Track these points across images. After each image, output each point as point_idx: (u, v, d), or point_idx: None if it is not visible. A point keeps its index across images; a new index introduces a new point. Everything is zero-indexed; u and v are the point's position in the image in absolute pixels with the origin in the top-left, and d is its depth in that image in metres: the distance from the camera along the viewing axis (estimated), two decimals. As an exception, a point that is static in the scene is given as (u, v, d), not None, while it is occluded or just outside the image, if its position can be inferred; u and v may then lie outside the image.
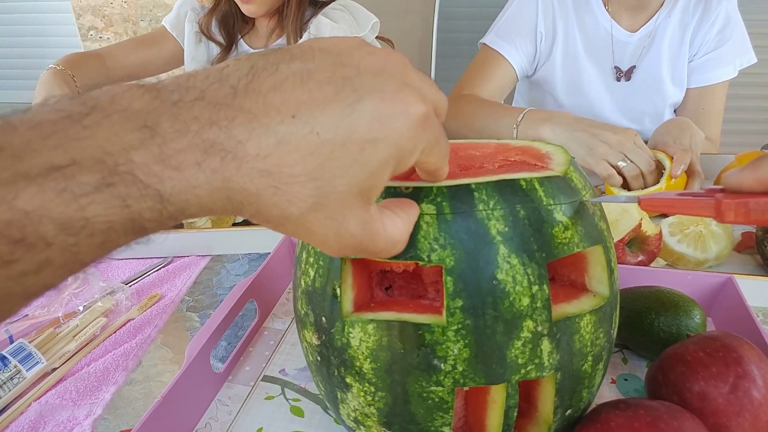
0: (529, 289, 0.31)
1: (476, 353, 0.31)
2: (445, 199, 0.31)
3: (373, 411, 0.35)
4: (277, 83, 0.21)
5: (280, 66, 0.21)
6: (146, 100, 0.19)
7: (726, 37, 1.01)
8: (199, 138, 0.19)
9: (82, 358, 0.57)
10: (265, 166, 0.20)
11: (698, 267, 0.66)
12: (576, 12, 1.07)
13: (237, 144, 0.20)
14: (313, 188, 0.21)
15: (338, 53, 0.22)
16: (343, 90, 0.21)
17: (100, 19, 2.23)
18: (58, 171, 0.17)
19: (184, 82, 0.20)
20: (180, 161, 0.19)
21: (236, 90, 0.20)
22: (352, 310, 0.34)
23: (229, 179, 0.20)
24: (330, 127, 0.21)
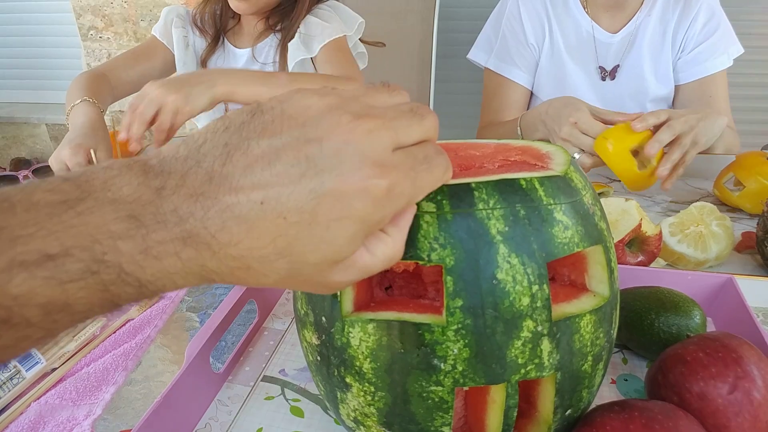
0: (529, 288, 0.31)
1: (476, 353, 0.31)
2: (445, 198, 0.31)
3: (372, 411, 0.35)
4: (247, 165, 0.22)
5: (251, 144, 0.22)
6: (133, 186, 0.21)
7: (713, 29, 1.02)
8: (178, 229, 0.21)
9: (81, 358, 0.57)
10: (237, 252, 0.22)
11: (698, 267, 0.66)
12: (556, 17, 1.09)
13: (211, 237, 0.21)
14: (284, 263, 0.23)
15: (304, 123, 0.23)
16: (307, 172, 0.22)
17: (100, 18, 2.23)
18: (51, 260, 0.19)
19: (168, 164, 0.22)
20: (160, 251, 0.21)
21: (211, 175, 0.22)
22: (352, 310, 0.34)
23: (204, 265, 0.22)
24: (296, 211, 0.22)
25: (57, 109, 2.53)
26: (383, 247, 0.26)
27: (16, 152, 2.59)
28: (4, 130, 2.55)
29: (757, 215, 0.75)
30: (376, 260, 0.26)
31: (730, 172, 0.83)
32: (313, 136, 0.23)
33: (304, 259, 0.23)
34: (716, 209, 0.69)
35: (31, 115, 2.49)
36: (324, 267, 0.24)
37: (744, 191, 0.80)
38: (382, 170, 0.23)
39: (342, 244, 0.23)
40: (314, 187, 0.22)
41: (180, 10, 1.10)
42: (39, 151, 2.58)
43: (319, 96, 0.24)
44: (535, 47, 1.11)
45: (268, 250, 0.22)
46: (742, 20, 1.53)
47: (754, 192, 0.79)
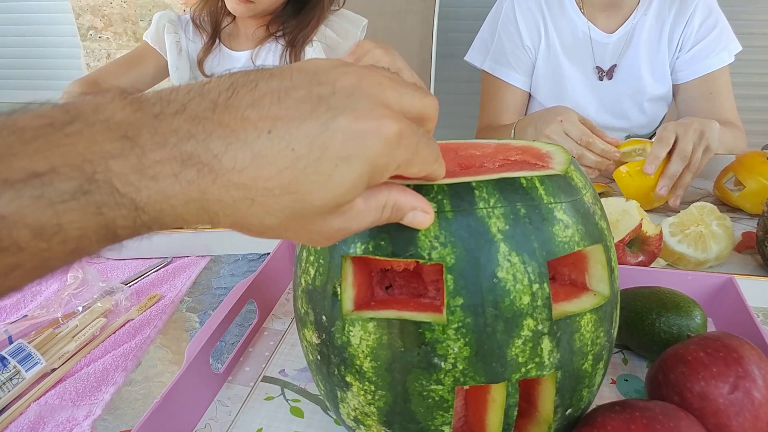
0: (530, 287, 0.31)
1: (476, 352, 0.31)
2: (446, 197, 0.31)
3: (373, 410, 0.35)
4: (255, 99, 0.21)
5: (260, 83, 0.22)
6: (128, 111, 0.20)
7: (711, 26, 1.02)
8: (177, 150, 0.20)
9: (81, 359, 0.57)
10: (241, 179, 0.21)
11: (698, 267, 0.66)
12: (552, 17, 1.09)
13: (213, 157, 0.20)
14: (289, 200, 0.22)
15: (315, 72, 0.23)
16: (318, 108, 0.22)
17: (100, 18, 2.23)
18: (37, 177, 0.18)
19: (166, 95, 0.21)
20: (157, 172, 0.19)
21: (216, 104, 0.21)
22: (353, 309, 0.34)
23: (205, 191, 0.20)
24: (305, 143, 0.21)
25: (57, 109, 2.53)
26: (378, 195, 0.26)
27: (15, 152, 2.58)
28: (4, 130, 2.55)
29: (757, 215, 0.75)
30: (369, 207, 0.26)
31: (730, 172, 0.83)
32: (324, 81, 0.23)
33: (308, 198, 0.22)
34: (716, 209, 0.69)
35: (30, 114, 2.49)
36: (326, 210, 0.23)
37: (744, 191, 0.80)
38: (396, 115, 0.23)
39: (347, 185, 0.23)
40: (326, 121, 0.21)
41: (171, 15, 1.10)
42: (39, 151, 2.58)
43: (327, 59, 0.25)
44: (531, 49, 1.11)
45: (273, 183, 0.21)
46: (742, 20, 1.54)
47: (754, 192, 0.79)
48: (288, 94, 0.22)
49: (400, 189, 0.27)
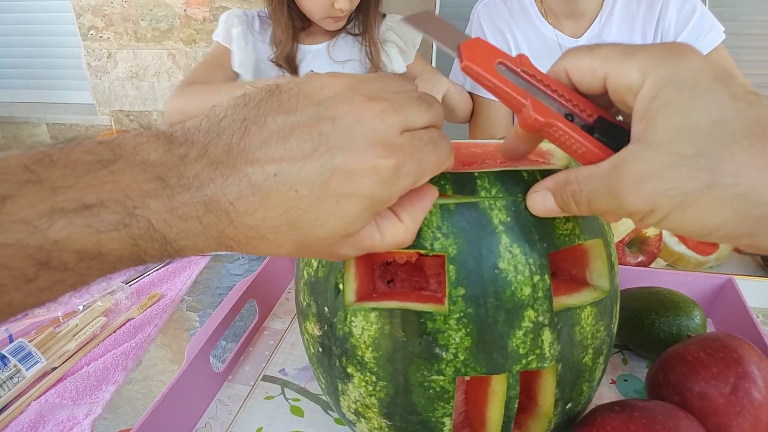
0: (531, 278, 0.31)
1: (477, 342, 0.31)
2: (449, 183, 0.31)
3: (374, 402, 0.35)
4: (263, 140, 0.23)
5: (267, 119, 0.24)
6: (160, 152, 0.23)
7: (690, 12, 1.00)
8: (200, 194, 0.22)
9: (81, 358, 0.57)
10: (253, 221, 0.23)
11: (698, 268, 0.66)
12: (519, 27, 1.09)
13: (229, 204, 0.23)
14: (295, 235, 0.24)
15: (319, 102, 0.24)
16: (319, 148, 0.23)
17: (100, 18, 2.23)
18: (88, 209, 0.21)
19: (191, 135, 0.24)
20: (184, 212, 0.22)
21: (230, 147, 0.23)
22: (355, 300, 0.34)
23: (222, 231, 0.23)
24: (306, 184, 0.23)
25: (57, 108, 2.53)
26: (393, 232, 0.27)
27: (16, 152, 2.58)
28: (4, 130, 2.55)
29: (758, 216, 0.75)
30: (384, 242, 0.27)
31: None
32: (327, 115, 0.24)
33: (314, 233, 0.24)
34: (716, 210, 0.69)
35: (31, 114, 2.49)
36: (333, 240, 0.25)
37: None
38: (390, 150, 0.24)
39: (350, 219, 0.24)
40: (325, 163, 0.23)
41: (237, 11, 1.12)
42: (39, 150, 2.58)
43: (334, 77, 0.25)
44: None
45: (280, 221, 0.23)
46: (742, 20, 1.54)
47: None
48: (292, 132, 0.23)
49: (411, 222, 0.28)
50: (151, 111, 2.39)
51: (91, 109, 2.46)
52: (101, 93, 2.38)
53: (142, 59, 2.28)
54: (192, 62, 2.24)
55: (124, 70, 2.32)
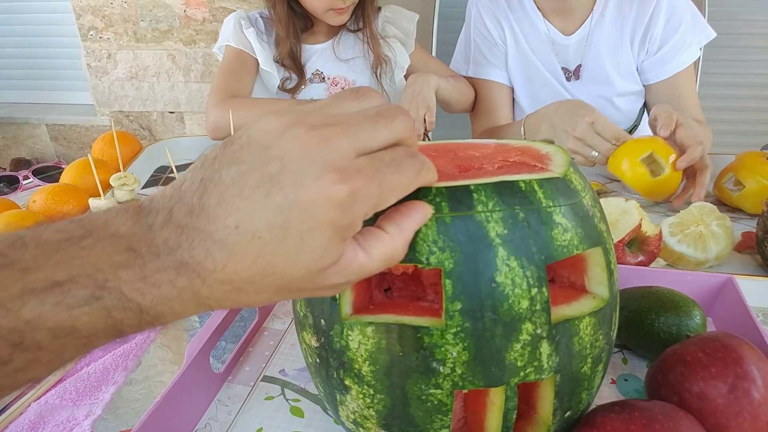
0: (528, 291, 0.31)
1: (475, 356, 0.31)
2: (444, 200, 0.31)
3: (372, 413, 0.35)
4: (220, 196, 0.23)
5: (222, 174, 0.24)
6: (129, 225, 0.23)
7: (677, 24, 1.00)
8: (170, 259, 0.23)
9: (81, 358, 0.57)
10: (224, 276, 0.23)
11: (698, 267, 0.66)
12: (516, 19, 1.10)
13: (197, 264, 0.23)
14: (271, 281, 0.24)
15: (266, 146, 0.24)
16: (271, 190, 0.23)
17: (100, 19, 2.23)
18: (58, 286, 0.21)
19: (157, 203, 0.24)
20: (157, 279, 0.23)
21: (192, 209, 0.23)
22: (351, 313, 0.34)
23: (198, 292, 0.23)
24: (267, 229, 0.23)
25: (57, 109, 2.53)
26: (381, 246, 0.26)
27: (16, 152, 2.59)
28: (4, 130, 2.55)
29: (757, 215, 0.75)
30: (373, 260, 0.26)
31: (730, 172, 0.83)
32: (274, 155, 0.24)
33: (289, 274, 0.24)
34: (716, 209, 0.69)
35: (31, 115, 2.49)
36: (312, 276, 0.25)
37: (744, 191, 0.80)
38: (342, 176, 0.23)
39: (320, 252, 0.24)
40: (280, 203, 0.23)
41: (242, 14, 1.13)
42: (39, 151, 2.58)
43: (277, 116, 0.25)
44: (502, 45, 1.12)
45: (251, 271, 0.23)
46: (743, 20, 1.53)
47: (754, 192, 0.79)
48: (245, 181, 0.23)
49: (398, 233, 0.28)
50: (150, 111, 2.39)
51: (91, 110, 2.46)
52: (101, 94, 2.38)
53: (142, 60, 2.28)
54: (192, 63, 2.24)
55: (124, 70, 2.32)
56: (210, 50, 2.17)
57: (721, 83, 1.06)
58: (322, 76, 1.14)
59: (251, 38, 1.09)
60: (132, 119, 2.42)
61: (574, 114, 0.84)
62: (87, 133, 2.50)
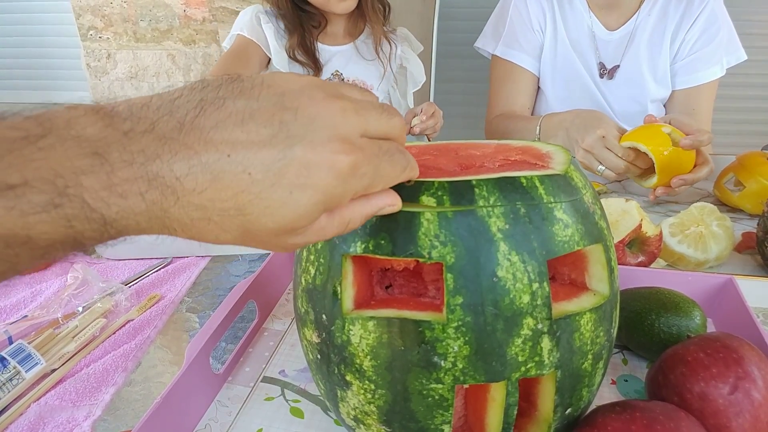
0: (530, 286, 0.31)
1: (476, 350, 0.31)
2: (446, 193, 0.31)
3: (373, 409, 0.35)
4: (220, 120, 0.22)
5: (227, 102, 0.23)
6: (99, 127, 0.21)
7: (711, 37, 1.01)
8: (144, 170, 0.21)
9: (81, 359, 0.57)
10: (200, 200, 0.22)
11: (698, 267, 0.66)
12: (560, 8, 1.08)
13: (176, 180, 0.21)
14: (243, 221, 0.23)
15: (282, 93, 0.24)
16: (278, 135, 0.22)
17: (100, 18, 2.23)
18: (11, 189, 0.19)
19: (137, 111, 0.22)
20: (125, 189, 0.21)
21: (182, 124, 0.22)
22: (353, 308, 0.34)
23: (167, 210, 0.22)
24: (261, 169, 0.22)
25: (57, 109, 2.52)
26: (342, 210, 0.26)
27: (15, 152, 2.58)
28: (4, 131, 2.54)
29: (757, 215, 0.75)
30: (332, 222, 0.26)
31: (731, 173, 0.83)
32: (289, 105, 0.23)
33: (263, 221, 0.23)
34: (716, 209, 0.69)
35: (30, 115, 2.49)
36: (280, 232, 0.24)
37: (744, 191, 0.80)
38: (350, 147, 0.24)
39: (301, 212, 0.24)
40: (283, 150, 0.22)
41: (260, 7, 1.11)
42: (39, 151, 2.58)
43: (298, 75, 0.26)
44: (540, 33, 1.11)
45: (229, 204, 0.22)
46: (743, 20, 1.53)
47: (755, 192, 0.79)
48: (252, 117, 0.23)
49: (363, 200, 0.28)
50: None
51: (90, 110, 2.46)
52: (101, 93, 2.38)
53: (142, 60, 2.28)
54: (191, 63, 2.24)
55: (124, 70, 2.31)
56: (210, 50, 2.16)
57: (721, 83, 1.06)
58: (341, 77, 1.14)
59: (269, 34, 1.07)
60: (132, 119, 2.42)
61: (589, 126, 0.84)
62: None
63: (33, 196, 0.19)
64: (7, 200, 0.19)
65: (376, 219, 0.32)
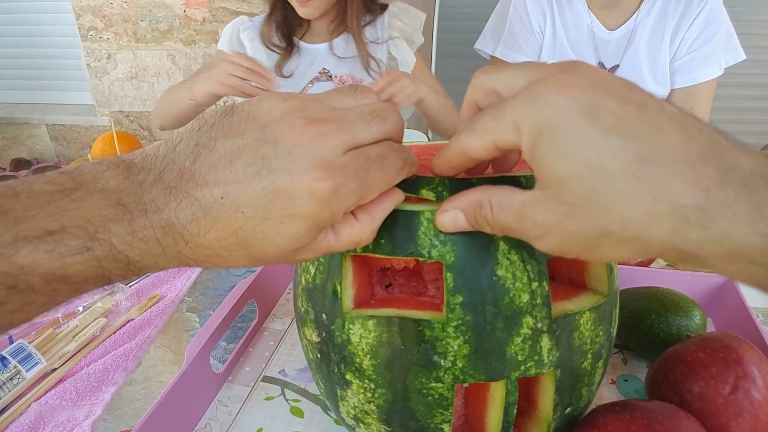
0: (529, 285, 0.31)
1: (476, 349, 0.31)
2: (446, 189, 0.31)
3: (372, 408, 0.35)
4: (212, 164, 0.24)
5: (217, 143, 0.25)
6: (119, 180, 0.24)
7: (710, 36, 1.01)
8: (158, 218, 0.24)
9: (81, 359, 0.57)
10: (206, 242, 0.25)
11: (698, 268, 0.66)
12: (560, 9, 1.08)
13: (183, 227, 0.24)
14: (248, 252, 0.25)
15: (265, 125, 0.25)
16: (261, 171, 0.24)
17: (100, 19, 2.23)
18: (51, 235, 0.22)
19: (149, 161, 0.25)
20: (145, 235, 0.24)
21: (183, 172, 0.24)
22: (353, 307, 0.34)
23: (181, 252, 0.25)
24: (251, 206, 0.24)
25: (57, 109, 2.52)
26: (350, 231, 0.28)
27: (16, 152, 2.58)
28: (4, 130, 2.55)
29: (757, 215, 0.75)
30: (341, 242, 0.28)
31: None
32: (270, 138, 0.25)
33: (264, 249, 0.25)
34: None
35: (31, 115, 2.49)
36: (284, 253, 0.26)
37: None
38: (328, 173, 0.24)
39: (296, 236, 0.25)
40: (266, 186, 0.24)
41: (244, 19, 1.13)
42: (39, 151, 2.58)
43: (282, 99, 0.26)
44: (540, 34, 1.11)
45: (230, 241, 0.25)
46: (743, 20, 1.54)
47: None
48: (239, 156, 0.24)
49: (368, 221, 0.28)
50: (150, 112, 2.38)
51: (90, 110, 2.46)
52: (101, 94, 2.38)
53: (142, 60, 2.28)
54: (192, 63, 2.24)
55: (124, 70, 2.32)
56: (210, 50, 2.17)
57: (721, 83, 1.06)
58: (329, 74, 1.14)
59: (245, 40, 1.10)
60: (132, 119, 2.42)
61: None
62: (87, 134, 2.49)
63: (69, 241, 0.22)
64: (47, 244, 0.22)
65: None
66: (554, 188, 0.23)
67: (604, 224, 0.22)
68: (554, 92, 0.23)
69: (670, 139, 0.21)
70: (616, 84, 0.23)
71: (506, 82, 0.26)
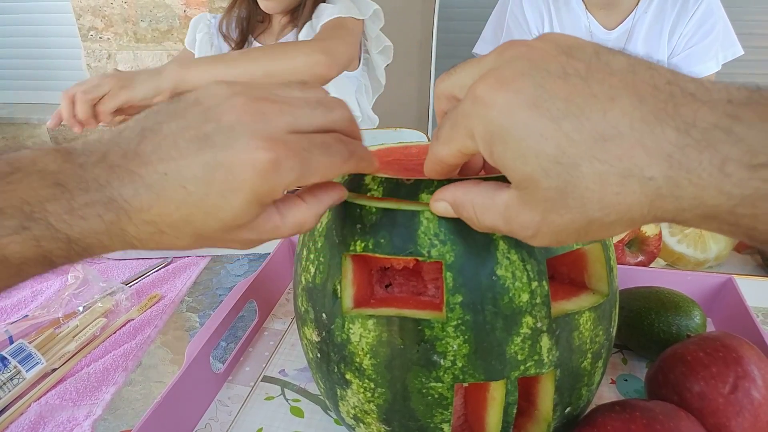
0: (529, 285, 0.31)
1: (476, 349, 0.31)
2: None
3: (372, 407, 0.35)
4: (156, 145, 0.25)
5: (163, 126, 0.26)
6: (59, 162, 0.24)
7: (707, 32, 1.01)
8: (99, 195, 0.24)
9: (81, 359, 0.57)
10: (149, 217, 0.25)
11: (698, 267, 0.66)
12: (557, 10, 1.09)
13: (125, 201, 0.24)
14: (192, 228, 0.26)
15: (208, 107, 0.26)
16: (203, 147, 0.25)
17: (100, 19, 2.23)
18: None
19: (90, 146, 0.25)
20: (85, 212, 0.24)
21: (126, 152, 0.25)
22: (353, 307, 0.34)
23: (124, 228, 0.25)
24: (193, 181, 0.25)
25: (57, 109, 2.53)
26: (295, 212, 0.28)
27: (16, 153, 2.58)
28: (4, 131, 2.55)
29: (757, 215, 0.75)
30: (286, 223, 0.28)
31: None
32: (212, 117, 0.25)
33: (208, 225, 0.26)
34: (716, 209, 0.69)
35: (31, 115, 2.49)
36: (227, 230, 0.26)
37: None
38: (269, 144, 0.25)
39: (237, 211, 0.25)
40: (208, 160, 0.24)
41: (206, 16, 1.14)
42: (39, 151, 2.58)
43: (228, 85, 0.27)
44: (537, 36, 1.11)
45: (175, 216, 0.25)
46: (743, 20, 1.53)
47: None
48: (182, 135, 0.25)
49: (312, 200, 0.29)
50: (151, 112, 2.39)
51: (91, 110, 2.46)
52: (101, 94, 2.38)
53: (142, 60, 2.28)
54: (192, 63, 2.24)
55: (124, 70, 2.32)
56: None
57: (721, 83, 1.06)
58: None
59: (198, 38, 1.11)
60: (132, 119, 2.42)
61: None
62: (87, 133, 2.50)
63: (4, 221, 0.22)
64: None
65: (376, 218, 0.32)
66: (528, 188, 0.22)
67: (586, 213, 0.22)
68: (495, 90, 0.22)
69: (623, 107, 0.20)
70: (555, 55, 0.22)
71: (459, 84, 0.26)
